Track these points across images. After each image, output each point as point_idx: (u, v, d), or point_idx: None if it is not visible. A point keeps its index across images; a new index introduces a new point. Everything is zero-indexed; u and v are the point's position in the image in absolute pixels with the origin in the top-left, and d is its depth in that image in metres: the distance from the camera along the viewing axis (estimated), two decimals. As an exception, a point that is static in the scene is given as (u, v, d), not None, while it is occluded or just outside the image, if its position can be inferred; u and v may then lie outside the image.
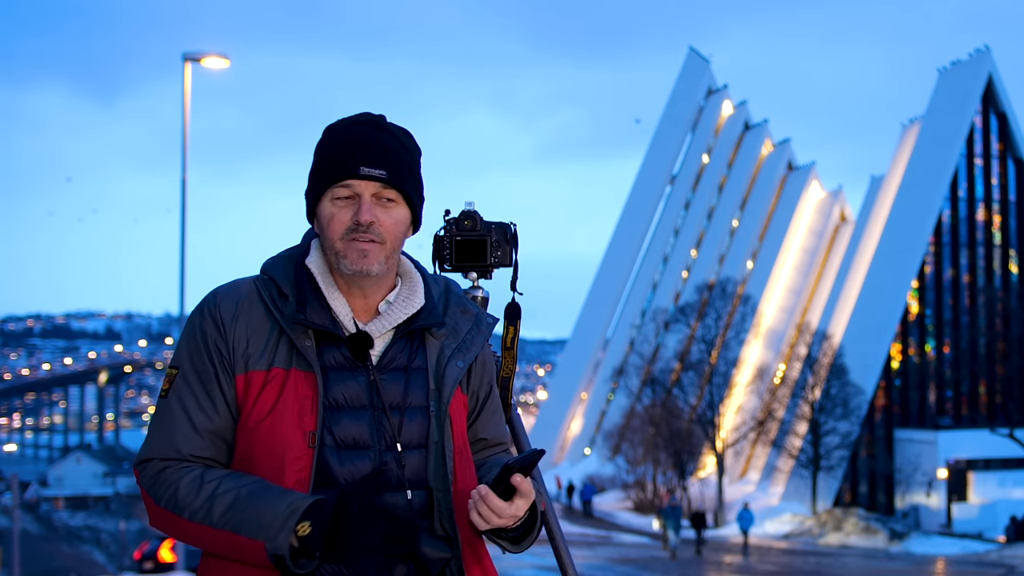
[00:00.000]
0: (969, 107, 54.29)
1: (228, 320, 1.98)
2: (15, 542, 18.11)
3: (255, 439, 1.95)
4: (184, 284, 18.40)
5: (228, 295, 2.02)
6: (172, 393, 1.98)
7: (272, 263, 2.09)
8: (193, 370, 1.98)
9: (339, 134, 2.03)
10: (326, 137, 2.05)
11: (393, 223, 2.00)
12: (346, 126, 2.05)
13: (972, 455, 48.11)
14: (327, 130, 2.07)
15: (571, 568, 2.39)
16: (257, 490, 1.88)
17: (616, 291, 71.21)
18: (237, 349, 1.97)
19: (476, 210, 2.42)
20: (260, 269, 2.10)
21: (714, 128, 71.16)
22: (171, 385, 1.99)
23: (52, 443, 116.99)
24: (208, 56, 17.93)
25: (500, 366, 2.43)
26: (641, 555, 29.43)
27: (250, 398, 1.96)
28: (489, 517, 1.94)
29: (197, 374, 1.98)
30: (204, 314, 2.00)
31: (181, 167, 18.35)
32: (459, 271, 2.44)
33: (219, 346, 1.97)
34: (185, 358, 2.00)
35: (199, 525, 1.89)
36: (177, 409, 1.97)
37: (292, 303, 1.99)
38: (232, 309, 1.99)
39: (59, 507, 61.21)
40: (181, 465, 1.94)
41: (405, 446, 1.98)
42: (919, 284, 54.10)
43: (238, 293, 2.02)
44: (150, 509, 1.96)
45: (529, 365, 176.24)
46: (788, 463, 50.42)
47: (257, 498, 1.86)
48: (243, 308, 2.00)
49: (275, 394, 1.95)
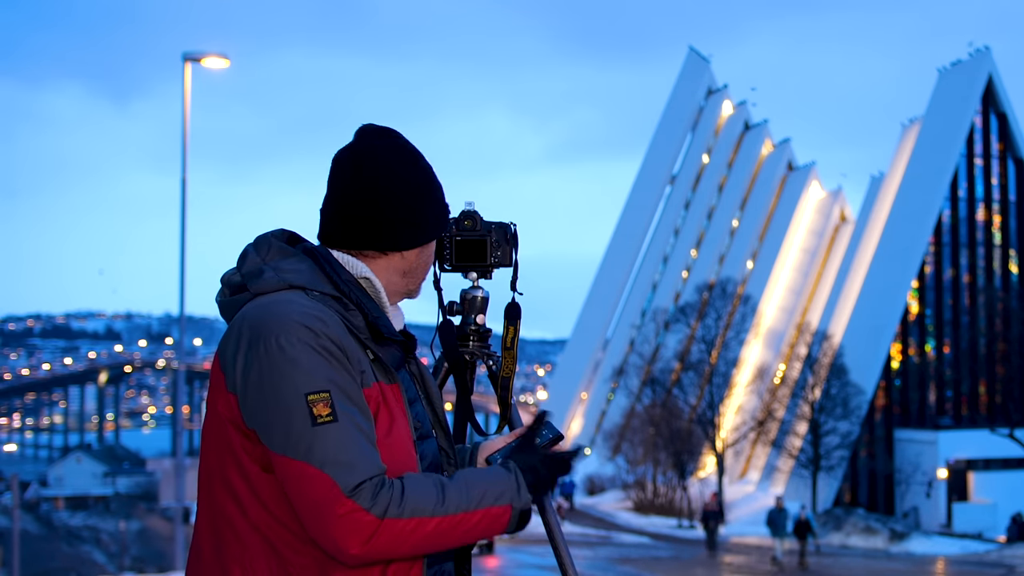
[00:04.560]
0: (969, 107, 54.32)
1: (342, 338, 1.95)
2: (15, 542, 18.11)
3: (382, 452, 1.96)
4: (184, 284, 18.42)
5: (323, 314, 1.96)
6: (340, 414, 1.88)
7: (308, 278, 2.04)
8: (340, 390, 1.90)
9: (438, 181, 2.18)
10: (434, 177, 2.17)
11: None
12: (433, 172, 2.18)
13: (972, 455, 48.14)
14: (428, 166, 2.17)
15: (571, 568, 2.38)
16: (457, 474, 1.98)
17: (616, 291, 71.24)
18: (354, 367, 1.95)
19: (476, 210, 2.42)
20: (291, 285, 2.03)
21: (714, 128, 71.19)
22: (332, 408, 1.89)
23: (52, 443, 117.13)
24: (208, 56, 17.94)
25: (500, 366, 2.43)
26: (641, 555, 29.44)
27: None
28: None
29: (345, 392, 1.91)
30: (318, 333, 1.92)
31: (181, 167, 18.40)
32: (459, 271, 2.44)
33: (347, 366, 1.93)
34: (325, 380, 1.89)
35: (447, 517, 1.89)
36: (352, 428, 1.89)
37: (359, 316, 2.02)
38: (336, 327, 1.95)
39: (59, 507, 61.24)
40: (386, 478, 1.89)
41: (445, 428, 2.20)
42: (919, 284, 54.13)
43: (326, 311, 1.98)
44: (379, 530, 1.86)
45: (529, 365, 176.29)
46: (788, 463, 50.45)
47: (472, 476, 1.97)
48: (338, 325, 1.97)
49: (387, 408, 2.00)
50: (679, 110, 71.73)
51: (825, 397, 46.62)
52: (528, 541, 29.09)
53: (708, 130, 71.05)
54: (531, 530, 29.45)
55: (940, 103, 56.00)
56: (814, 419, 46.47)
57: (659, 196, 71.72)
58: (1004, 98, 55.11)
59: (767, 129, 69.13)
